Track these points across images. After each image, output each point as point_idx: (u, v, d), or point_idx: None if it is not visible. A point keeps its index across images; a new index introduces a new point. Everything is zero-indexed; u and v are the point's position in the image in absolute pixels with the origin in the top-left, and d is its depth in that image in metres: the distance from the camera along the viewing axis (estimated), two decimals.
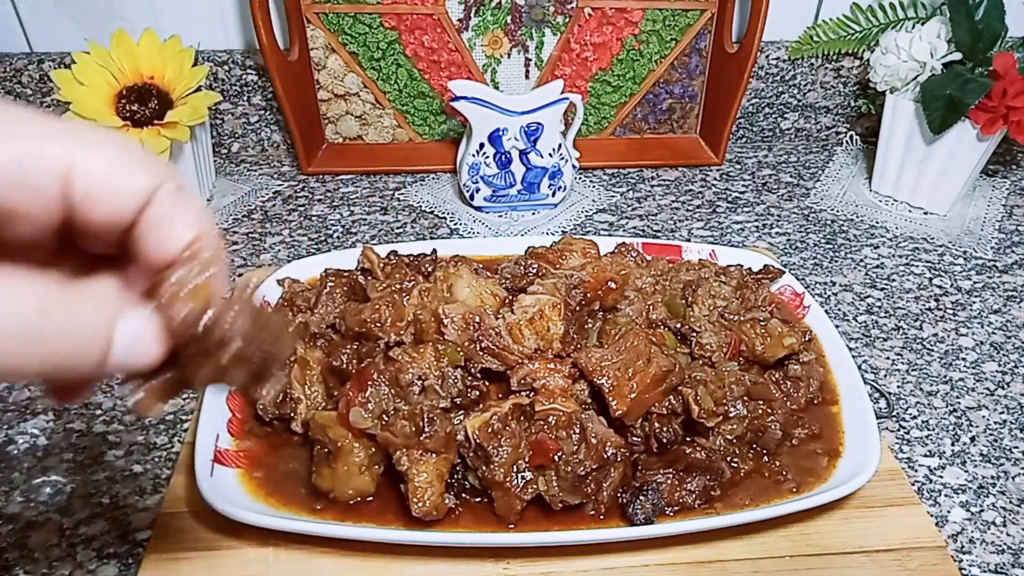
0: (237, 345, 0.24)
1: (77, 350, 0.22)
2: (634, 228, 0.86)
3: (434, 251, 0.69)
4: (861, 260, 0.81)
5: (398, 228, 0.85)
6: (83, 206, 0.22)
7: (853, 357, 0.62)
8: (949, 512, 0.54)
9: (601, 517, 0.51)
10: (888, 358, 0.68)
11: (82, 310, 0.22)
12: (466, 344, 0.54)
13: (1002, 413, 0.63)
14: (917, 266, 0.81)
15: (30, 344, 0.21)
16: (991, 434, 0.61)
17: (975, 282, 0.78)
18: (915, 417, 0.62)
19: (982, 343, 0.70)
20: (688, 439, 0.55)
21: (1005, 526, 0.53)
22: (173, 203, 0.23)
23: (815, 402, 0.59)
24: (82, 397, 0.27)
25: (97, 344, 0.22)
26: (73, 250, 0.24)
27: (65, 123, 0.22)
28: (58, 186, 0.22)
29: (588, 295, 0.57)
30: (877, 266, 0.80)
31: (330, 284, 0.63)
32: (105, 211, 0.22)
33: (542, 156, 0.83)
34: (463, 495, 0.52)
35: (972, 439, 0.60)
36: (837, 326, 0.67)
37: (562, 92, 0.83)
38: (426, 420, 0.49)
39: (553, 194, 0.87)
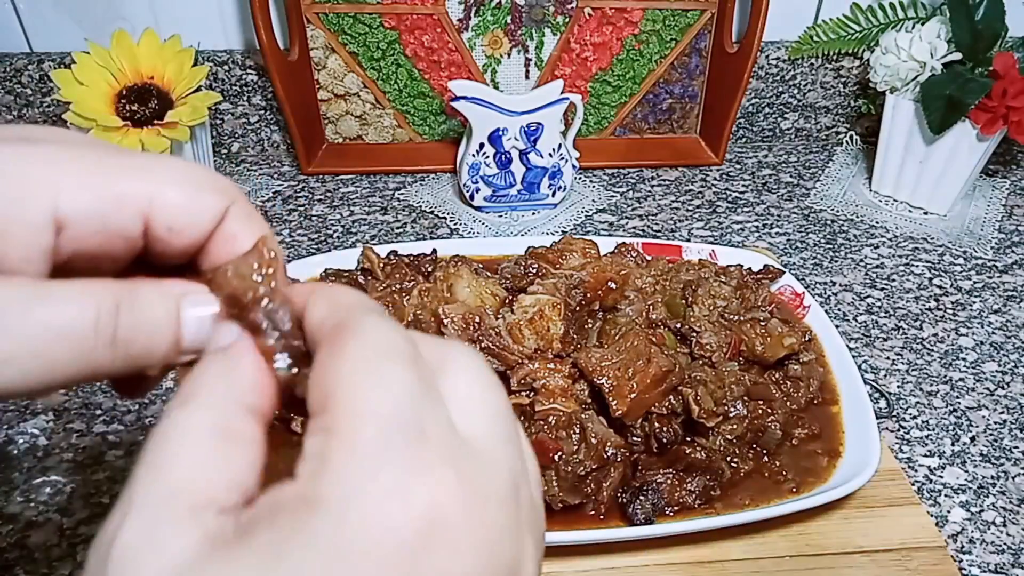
0: (286, 327, 0.24)
1: (151, 339, 0.22)
2: (634, 228, 0.86)
3: (434, 251, 0.69)
4: (861, 260, 0.81)
5: (398, 228, 0.85)
6: (163, 238, 0.23)
7: (853, 357, 0.62)
8: (949, 512, 0.54)
9: (601, 517, 0.51)
10: (888, 358, 0.68)
11: (150, 299, 0.22)
12: (466, 344, 0.54)
13: (1002, 413, 0.63)
14: (917, 266, 0.81)
15: (107, 343, 0.21)
16: (991, 434, 0.61)
17: (975, 282, 0.78)
18: (915, 417, 0.62)
19: (982, 343, 0.70)
20: (688, 439, 0.55)
21: (1005, 526, 0.53)
22: (241, 221, 0.24)
23: (815, 402, 0.59)
24: (149, 388, 0.27)
25: (169, 330, 0.22)
26: (138, 268, 0.25)
27: (138, 158, 0.23)
28: (139, 225, 0.22)
29: (588, 295, 0.57)
30: (877, 266, 0.80)
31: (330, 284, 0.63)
32: (184, 240, 0.23)
33: (542, 156, 0.83)
34: None
35: (972, 439, 0.60)
36: (837, 326, 0.67)
37: (562, 92, 0.83)
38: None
39: (553, 194, 0.87)
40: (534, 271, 0.62)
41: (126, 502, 0.18)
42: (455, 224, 0.86)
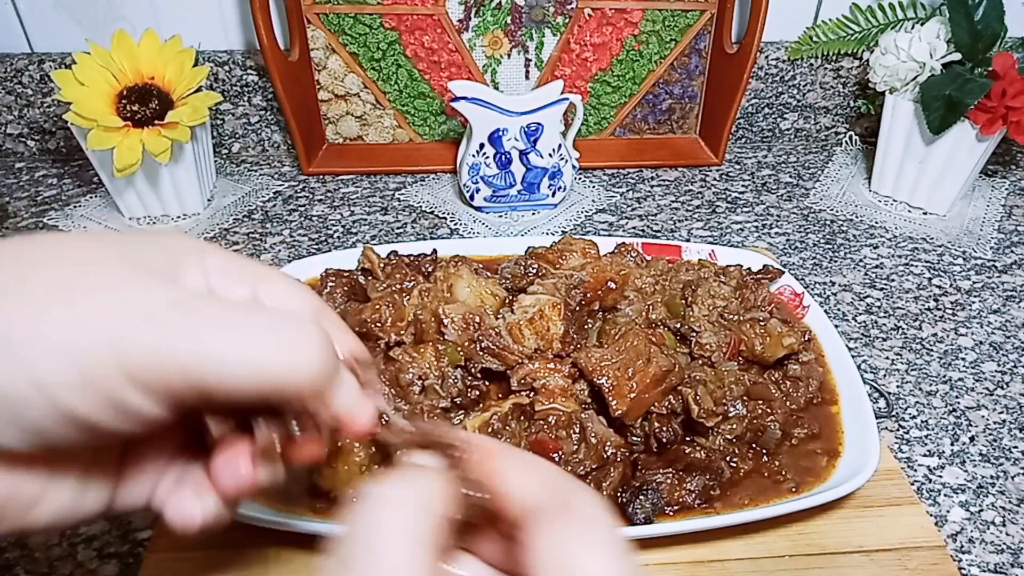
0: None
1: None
2: (634, 228, 0.86)
3: (434, 251, 0.69)
4: (860, 260, 0.81)
5: (398, 228, 0.85)
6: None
7: (852, 357, 0.62)
8: (948, 512, 0.55)
9: None
10: (887, 358, 0.68)
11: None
12: (466, 344, 0.54)
13: (1001, 413, 0.63)
14: (916, 266, 0.81)
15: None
16: (990, 434, 0.61)
17: (974, 282, 0.78)
18: (914, 417, 0.62)
19: (981, 343, 0.70)
20: (688, 439, 0.55)
21: (1004, 526, 0.54)
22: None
23: (814, 402, 0.59)
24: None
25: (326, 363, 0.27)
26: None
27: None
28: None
29: (588, 295, 0.57)
30: (876, 266, 0.80)
31: (330, 284, 0.63)
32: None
33: (542, 156, 0.83)
34: None
35: (971, 439, 0.60)
36: (837, 326, 0.67)
37: (562, 92, 0.83)
38: (426, 420, 0.49)
39: (553, 194, 0.87)
40: (534, 271, 0.62)
41: None
42: (455, 224, 0.86)
